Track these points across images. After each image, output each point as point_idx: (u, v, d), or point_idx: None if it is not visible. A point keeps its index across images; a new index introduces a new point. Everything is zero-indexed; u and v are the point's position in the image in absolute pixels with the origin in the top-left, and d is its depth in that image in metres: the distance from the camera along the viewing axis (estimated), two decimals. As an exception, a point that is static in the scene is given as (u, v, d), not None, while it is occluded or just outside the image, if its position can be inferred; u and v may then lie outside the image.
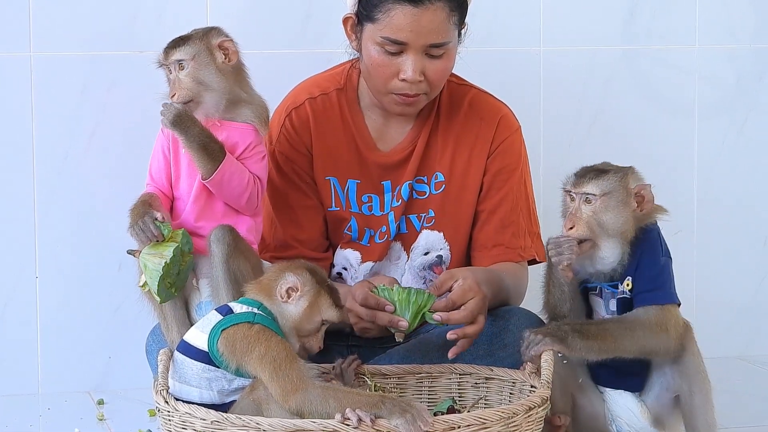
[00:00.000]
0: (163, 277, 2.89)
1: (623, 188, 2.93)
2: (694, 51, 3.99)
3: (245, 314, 2.74)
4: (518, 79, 3.83)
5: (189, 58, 2.99)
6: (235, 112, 3.03)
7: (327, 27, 3.68)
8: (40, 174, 3.63)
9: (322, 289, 2.78)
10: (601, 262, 2.94)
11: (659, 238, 2.98)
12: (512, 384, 2.97)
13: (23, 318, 3.64)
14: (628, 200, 2.93)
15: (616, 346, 2.87)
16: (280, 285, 2.77)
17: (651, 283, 2.92)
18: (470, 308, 2.96)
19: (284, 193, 3.23)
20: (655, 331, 2.88)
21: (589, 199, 2.92)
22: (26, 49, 3.60)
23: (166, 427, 2.72)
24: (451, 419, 2.61)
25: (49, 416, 3.48)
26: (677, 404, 2.97)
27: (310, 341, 2.79)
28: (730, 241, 4.05)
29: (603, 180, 2.92)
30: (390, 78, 3.11)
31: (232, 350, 2.69)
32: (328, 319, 2.79)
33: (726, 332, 4.05)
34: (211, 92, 3.00)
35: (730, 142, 4.03)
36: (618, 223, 2.92)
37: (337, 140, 3.23)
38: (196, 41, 3.02)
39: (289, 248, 3.22)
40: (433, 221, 3.24)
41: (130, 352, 3.61)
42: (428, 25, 3.05)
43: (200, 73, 2.99)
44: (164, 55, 3.02)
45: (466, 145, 3.24)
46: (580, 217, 2.91)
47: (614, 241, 2.92)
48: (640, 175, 3.00)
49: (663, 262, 2.95)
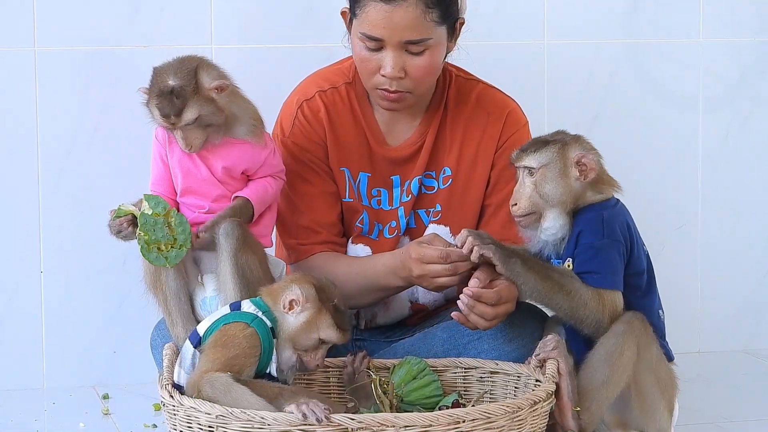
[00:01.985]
0: (146, 248, 2.91)
1: (561, 158, 2.94)
2: (698, 45, 3.99)
3: (247, 315, 2.78)
4: (522, 73, 3.83)
5: (195, 117, 2.95)
6: (231, 130, 3.02)
7: (328, 21, 3.67)
8: (43, 169, 3.63)
9: (324, 308, 2.79)
10: (545, 232, 2.96)
11: (601, 220, 2.94)
12: (517, 378, 2.97)
13: (28, 313, 3.64)
14: (567, 170, 2.94)
15: (550, 296, 2.88)
16: (285, 295, 2.79)
17: (586, 266, 2.91)
18: (498, 311, 2.95)
19: (304, 180, 3.21)
20: (590, 306, 2.88)
21: (530, 171, 2.94)
22: (30, 45, 3.59)
23: (171, 422, 2.73)
24: (456, 413, 2.61)
25: (54, 411, 3.48)
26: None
27: (307, 357, 2.80)
28: (733, 234, 4.05)
29: (541, 152, 2.95)
30: (372, 73, 3.11)
31: (215, 339, 2.73)
32: (326, 338, 2.79)
33: (730, 326, 4.05)
34: (216, 127, 2.99)
35: (733, 136, 4.03)
36: (558, 193, 2.94)
37: (348, 133, 3.23)
38: (194, 97, 2.94)
39: (315, 233, 3.20)
40: (439, 215, 3.24)
41: (134, 347, 3.61)
42: (401, 21, 3.04)
43: (207, 120, 2.96)
44: (168, 122, 2.95)
45: (474, 139, 3.24)
46: (523, 192, 2.95)
47: (556, 212, 2.94)
48: (588, 143, 2.99)
49: (601, 245, 2.92)
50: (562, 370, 2.82)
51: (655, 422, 2.92)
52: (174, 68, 2.98)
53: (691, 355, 3.97)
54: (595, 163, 2.95)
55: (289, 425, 2.57)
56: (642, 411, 2.91)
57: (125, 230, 2.96)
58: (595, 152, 2.98)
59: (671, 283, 2.99)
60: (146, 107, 2.99)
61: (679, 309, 2.94)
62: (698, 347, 4.03)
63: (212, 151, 3.02)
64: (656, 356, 2.92)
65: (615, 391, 2.87)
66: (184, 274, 3.01)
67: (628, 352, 2.86)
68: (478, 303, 2.92)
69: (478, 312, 2.93)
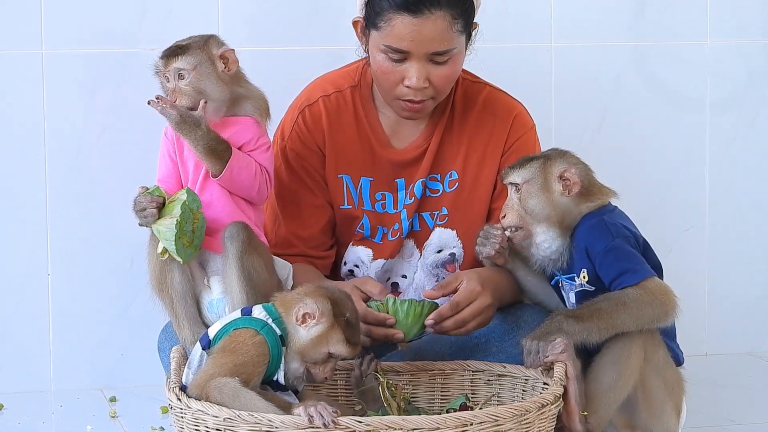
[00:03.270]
0: (178, 235, 2.89)
1: (543, 174, 2.97)
2: (705, 47, 3.98)
3: (258, 321, 2.76)
4: (528, 76, 3.83)
5: (190, 68, 2.96)
6: (235, 108, 3.02)
7: (335, 24, 3.68)
8: (51, 171, 3.63)
9: (337, 324, 2.77)
10: (540, 248, 2.98)
11: (604, 224, 2.94)
12: (525, 381, 2.97)
13: (35, 315, 3.64)
14: (550, 186, 2.96)
15: (614, 323, 2.86)
16: (299, 307, 2.77)
17: (615, 269, 2.91)
18: (463, 315, 2.99)
19: (291, 190, 3.23)
20: (646, 300, 2.87)
21: (516, 187, 2.98)
22: (38, 47, 3.60)
23: (179, 424, 2.73)
24: (463, 416, 2.61)
25: (61, 413, 3.48)
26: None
27: (315, 369, 2.79)
28: (741, 237, 4.04)
29: (524, 168, 2.98)
30: (395, 84, 3.11)
31: (225, 344, 2.73)
32: (335, 353, 2.78)
33: (737, 328, 4.05)
34: (212, 101, 2.98)
35: (741, 138, 4.03)
36: (541, 208, 2.96)
37: (350, 138, 3.23)
38: (196, 51, 2.99)
39: (291, 245, 3.22)
40: (446, 219, 3.24)
41: (142, 349, 3.61)
42: (429, 34, 3.04)
43: (201, 84, 2.97)
44: (163, 63, 2.99)
45: (480, 142, 3.24)
46: (512, 206, 2.99)
47: (545, 227, 2.96)
48: (574, 158, 3.01)
49: (617, 245, 2.92)
50: (569, 373, 2.82)
51: (662, 425, 2.92)
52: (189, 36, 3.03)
53: (698, 357, 3.97)
54: (578, 177, 2.96)
55: (296, 428, 2.57)
56: (649, 414, 2.91)
57: (150, 210, 2.92)
58: (582, 166, 3.00)
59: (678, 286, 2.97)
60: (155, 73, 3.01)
61: (686, 311, 2.93)
62: (705, 350, 4.03)
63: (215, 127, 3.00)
64: (663, 359, 2.92)
65: (622, 394, 2.87)
66: (190, 277, 3.01)
67: (636, 356, 2.86)
68: (451, 332, 2.99)
69: (448, 329, 2.99)
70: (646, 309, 2.87)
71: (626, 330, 2.87)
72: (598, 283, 2.93)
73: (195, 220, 2.93)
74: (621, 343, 2.86)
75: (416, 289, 3.28)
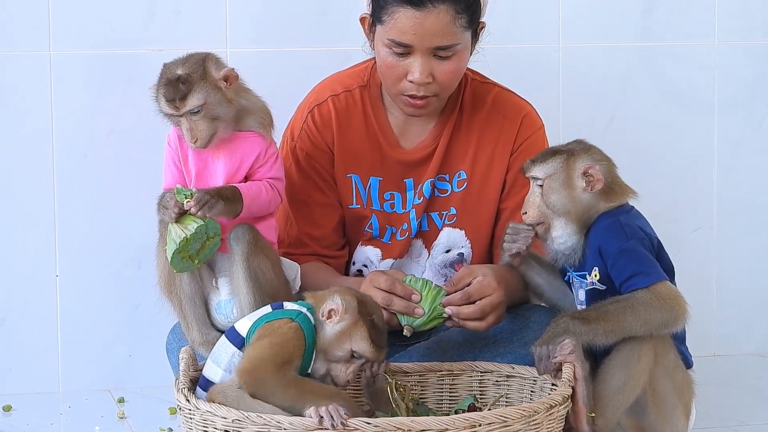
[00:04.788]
0: (178, 249, 2.90)
1: (566, 170, 2.94)
2: (713, 47, 3.98)
3: (292, 311, 2.77)
4: (537, 76, 3.83)
5: (201, 104, 2.92)
6: (239, 123, 3.01)
7: (343, 24, 3.68)
8: (59, 172, 3.63)
9: (362, 321, 2.77)
10: (556, 242, 2.96)
11: (620, 224, 2.93)
12: (533, 382, 2.97)
13: (43, 316, 3.65)
14: (573, 182, 2.94)
15: (621, 326, 2.84)
16: (326, 304, 2.78)
17: (627, 271, 2.89)
18: (482, 305, 2.97)
19: (302, 190, 3.23)
20: (655, 305, 2.85)
21: (538, 182, 2.96)
22: (45, 48, 3.60)
23: (187, 426, 2.73)
24: (472, 417, 2.61)
25: (69, 414, 3.48)
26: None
27: (337, 370, 2.78)
28: (749, 237, 4.04)
29: (547, 163, 2.96)
30: (399, 79, 3.11)
31: (260, 332, 2.73)
32: (358, 351, 2.78)
33: (745, 329, 4.05)
34: (225, 121, 2.97)
35: (749, 138, 4.02)
36: (562, 204, 2.94)
37: (359, 137, 3.24)
38: (201, 83, 2.93)
39: (303, 245, 3.22)
40: (454, 219, 3.24)
41: (150, 350, 3.61)
42: (431, 28, 3.04)
43: (214, 112, 2.95)
44: (172, 107, 2.93)
45: (489, 142, 3.24)
46: (533, 201, 2.96)
47: (564, 222, 2.94)
48: (599, 154, 2.98)
49: (630, 246, 2.90)
50: (577, 374, 2.82)
51: (671, 428, 2.91)
52: (182, 60, 2.99)
53: (707, 358, 3.97)
54: (602, 174, 2.94)
55: (304, 429, 2.57)
56: (658, 416, 2.90)
57: (171, 212, 2.91)
58: (606, 162, 2.97)
59: (686, 286, 2.97)
60: (155, 102, 2.98)
61: (695, 312, 2.92)
62: (714, 350, 4.03)
63: (222, 147, 2.99)
64: (673, 362, 2.91)
65: (630, 397, 2.86)
66: (198, 279, 3.01)
67: (645, 359, 2.85)
68: (467, 321, 2.98)
69: (467, 316, 2.99)
70: (655, 314, 2.85)
71: (633, 334, 2.85)
72: (609, 283, 2.92)
73: (206, 242, 2.93)
74: (631, 346, 2.85)
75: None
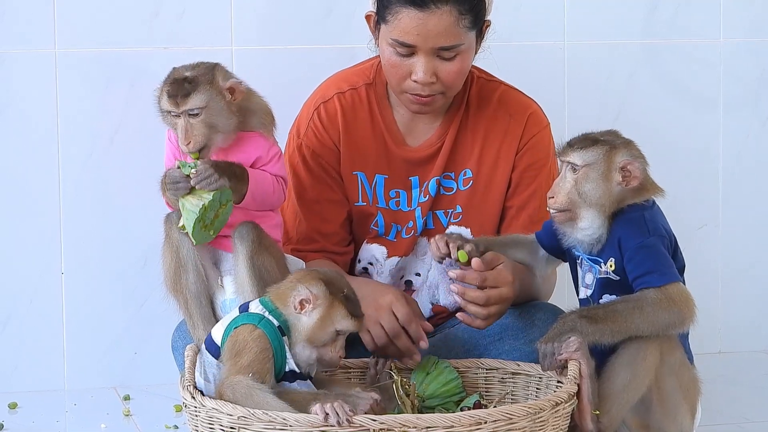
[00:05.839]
0: (198, 219, 2.88)
1: (606, 161, 2.91)
2: (718, 45, 3.98)
3: (255, 316, 2.76)
4: (542, 74, 3.83)
5: (202, 106, 2.91)
6: (245, 123, 3.00)
7: (348, 22, 3.68)
8: (65, 170, 3.64)
9: (336, 300, 2.76)
10: (581, 232, 2.93)
11: (643, 220, 2.92)
12: (539, 379, 2.97)
13: (49, 314, 3.65)
14: (610, 174, 2.91)
15: (628, 326, 2.84)
16: (294, 296, 2.76)
17: (642, 267, 2.88)
18: (490, 294, 2.96)
19: (310, 187, 3.23)
20: (664, 305, 2.85)
21: (573, 168, 2.92)
22: (51, 46, 3.61)
23: (193, 423, 2.73)
24: (477, 414, 2.61)
25: (75, 412, 3.49)
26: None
27: (327, 352, 2.77)
28: (754, 234, 4.04)
29: (587, 150, 2.92)
30: (403, 78, 3.11)
31: (230, 348, 2.73)
32: (342, 329, 2.77)
33: (751, 326, 4.05)
34: (223, 133, 2.95)
35: (754, 136, 4.02)
36: (596, 196, 2.90)
37: (365, 135, 3.24)
38: (206, 86, 2.91)
39: (312, 242, 3.22)
40: (460, 217, 3.24)
41: (155, 348, 3.62)
42: (434, 28, 3.04)
43: (213, 119, 2.93)
44: (172, 103, 2.91)
45: (495, 141, 3.24)
46: (563, 187, 2.92)
47: (593, 213, 2.91)
48: (638, 150, 2.96)
49: (650, 243, 2.89)
50: (583, 371, 2.81)
51: (677, 426, 2.90)
52: (192, 65, 2.98)
53: (712, 355, 3.97)
54: (639, 172, 2.92)
55: (310, 426, 2.57)
56: (664, 415, 2.90)
57: (184, 183, 2.89)
58: (643, 159, 2.95)
59: (692, 283, 2.97)
60: (156, 102, 2.97)
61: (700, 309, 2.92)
62: (719, 348, 4.03)
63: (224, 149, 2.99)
64: (680, 361, 2.90)
65: (636, 395, 2.86)
66: (204, 277, 3.01)
67: (651, 357, 2.85)
68: (469, 304, 2.95)
69: (472, 311, 2.96)
70: (663, 315, 2.84)
71: (639, 334, 2.85)
72: (623, 274, 2.91)
73: (221, 208, 2.92)
74: (637, 344, 2.85)
75: (430, 287, 3.28)
